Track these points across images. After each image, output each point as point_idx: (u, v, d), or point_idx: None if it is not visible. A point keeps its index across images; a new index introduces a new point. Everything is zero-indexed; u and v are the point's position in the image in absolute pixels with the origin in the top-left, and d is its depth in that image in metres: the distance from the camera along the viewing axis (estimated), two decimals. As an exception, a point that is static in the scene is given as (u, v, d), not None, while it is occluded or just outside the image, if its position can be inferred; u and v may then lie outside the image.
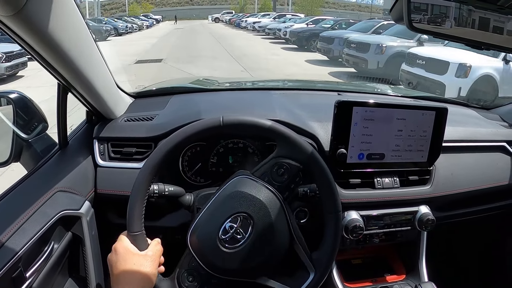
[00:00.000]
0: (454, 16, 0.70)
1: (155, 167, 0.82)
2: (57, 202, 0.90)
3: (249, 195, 0.84)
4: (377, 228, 1.14)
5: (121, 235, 0.83)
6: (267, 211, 0.84)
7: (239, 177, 0.88)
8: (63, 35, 0.73)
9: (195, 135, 0.84)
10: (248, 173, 0.90)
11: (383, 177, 1.14)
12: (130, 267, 0.78)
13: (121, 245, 0.81)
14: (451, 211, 1.27)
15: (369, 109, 1.04)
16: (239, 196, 0.85)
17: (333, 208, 0.88)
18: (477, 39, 0.72)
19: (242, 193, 0.85)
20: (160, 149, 0.83)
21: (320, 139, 1.11)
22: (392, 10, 0.74)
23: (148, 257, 0.81)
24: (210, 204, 0.86)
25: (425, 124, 1.10)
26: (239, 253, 0.83)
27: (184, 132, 0.84)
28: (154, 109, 1.21)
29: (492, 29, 0.71)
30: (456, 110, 1.57)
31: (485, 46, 0.74)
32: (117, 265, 0.78)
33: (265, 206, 0.84)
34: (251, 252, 0.83)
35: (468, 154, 1.32)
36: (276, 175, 0.89)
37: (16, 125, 1.04)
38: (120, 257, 0.79)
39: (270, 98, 1.38)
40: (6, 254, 0.72)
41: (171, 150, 0.83)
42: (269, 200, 0.85)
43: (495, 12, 0.70)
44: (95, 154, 1.09)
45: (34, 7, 0.62)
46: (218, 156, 1.14)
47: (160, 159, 0.83)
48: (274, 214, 0.85)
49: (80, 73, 0.85)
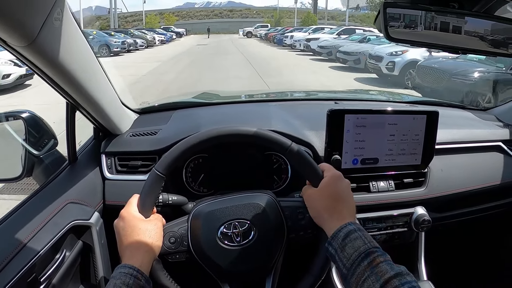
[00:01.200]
0: (427, 24, 0.75)
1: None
2: (68, 213, 0.96)
3: (263, 211, 0.86)
4: (375, 230, 1.18)
5: (130, 199, 0.84)
6: (271, 233, 0.85)
7: (265, 195, 0.90)
8: (73, 61, 0.80)
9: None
10: (274, 197, 0.90)
11: (378, 181, 1.18)
12: (137, 234, 0.78)
13: (128, 211, 0.81)
14: (447, 212, 1.30)
15: (361, 116, 1.08)
16: (252, 206, 0.86)
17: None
18: (452, 45, 0.77)
19: (258, 205, 0.86)
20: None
21: (316, 147, 1.15)
22: (376, 22, 0.80)
23: (153, 224, 0.81)
24: (228, 197, 0.89)
25: (417, 128, 1.14)
26: (234, 250, 0.84)
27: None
28: (158, 124, 1.27)
29: (467, 34, 0.76)
30: (451, 112, 1.61)
31: (462, 51, 0.79)
32: (124, 232, 0.78)
33: (272, 228, 0.85)
34: (244, 253, 0.84)
35: (462, 155, 1.35)
36: (297, 218, 0.87)
37: (28, 142, 1.10)
38: (127, 224, 0.79)
39: (268, 110, 1.43)
40: (22, 261, 0.78)
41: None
42: (276, 227, 0.86)
43: (471, 17, 0.76)
44: (103, 168, 1.15)
45: (45, 38, 0.68)
46: (220, 166, 1.18)
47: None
48: (273, 239, 0.86)
49: (87, 93, 0.92)
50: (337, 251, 0.71)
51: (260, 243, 0.84)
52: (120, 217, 0.81)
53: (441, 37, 0.77)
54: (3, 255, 0.77)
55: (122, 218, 0.81)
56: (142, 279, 0.72)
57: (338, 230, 0.73)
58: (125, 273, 0.71)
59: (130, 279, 0.70)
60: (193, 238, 0.84)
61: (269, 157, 1.18)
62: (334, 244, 0.73)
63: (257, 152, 1.18)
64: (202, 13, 65.51)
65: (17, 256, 0.78)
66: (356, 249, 0.69)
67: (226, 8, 68.02)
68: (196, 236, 0.84)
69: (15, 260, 0.78)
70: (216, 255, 0.83)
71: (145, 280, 0.73)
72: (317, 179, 0.83)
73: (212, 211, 0.86)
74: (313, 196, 0.82)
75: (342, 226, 0.74)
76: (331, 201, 0.79)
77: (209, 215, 0.85)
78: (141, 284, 0.71)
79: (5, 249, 0.78)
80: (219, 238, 0.83)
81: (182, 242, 0.85)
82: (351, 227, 0.73)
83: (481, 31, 0.76)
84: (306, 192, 0.85)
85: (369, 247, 0.69)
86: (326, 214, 0.78)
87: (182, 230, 0.86)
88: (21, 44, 0.65)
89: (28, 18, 0.62)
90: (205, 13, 65.39)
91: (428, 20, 0.76)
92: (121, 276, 0.70)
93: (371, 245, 0.69)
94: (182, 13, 64.77)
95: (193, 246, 0.84)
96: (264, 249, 0.85)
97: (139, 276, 0.72)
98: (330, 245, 0.74)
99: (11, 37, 0.63)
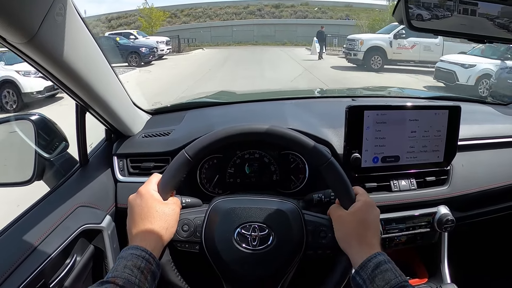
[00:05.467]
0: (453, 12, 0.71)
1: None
2: (78, 216, 0.94)
3: (286, 221, 0.81)
4: (396, 231, 1.13)
5: (151, 178, 0.82)
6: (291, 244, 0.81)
7: (291, 203, 0.84)
8: (77, 58, 0.77)
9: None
10: (300, 209, 0.85)
11: (399, 180, 1.14)
12: (153, 216, 0.75)
13: (147, 189, 0.78)
14: (471, 211, 1.25)
15: (381, 112, 1.04)
16: (276, 213, 0.82)
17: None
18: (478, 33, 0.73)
19: (282, 213, 0.82)
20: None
21: (334, 145, 1.11)
22: (395, 12, 0.76)
23: (171, 209, 0.78)
24: (252, 197, 0.85)
25: (439, 123, 1.10)
26: (247, 253, 0.80)
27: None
28: (171, 125, 1.24)
29: (492, 22, 0.72)
30: (472, 107, 1.55)
31: (487, 40, 0.75)
32: (140, 210, 0.75)
33: (291, 240, 0.81)
34: (257, 259, 0.80)
35: (485, 151, 1.30)
36: (318, 236, 0.82)
37: (38, 145, 1.08)
38: (144, 203, 0.76)
39: (283, 108, 1.39)
40: (31, 265, 0.76)
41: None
42: (296, 240, 0.82)
43: (496, 3, 0.71)
44: (115, 170, 1.13)
45: (46, 34, 0.65)
46: (235, 167, 1.15)
47: None
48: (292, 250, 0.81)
49: (96, 93, 0.89)
50: (366, 282, 0.69)
51: (275, 252, 0.80)
52: (138, 193, 0.78)
53: (466, 26, 0.73)
54: (12, 259, 0.75)
55: (140, 195, 0.77)
56: (153, 263, 0.70)
57: (368, 260, 0.71)
58: (137, 255, 0.68)
59: (142, 262, 0.68)
60: (208, 231, 0.81)
61: (286, 157, 1.14)
62: (362, 274, 0.70)
63: (273, 151, 1.14)
64: (229, 10, 38.93)
65: (26, 261, 0.76)
66: (387, 282, 0.67)
67: (269, 2, 38.78)
68: (211, 229, 0.81)
69: (24, 265, 0.75)
70: (228, 254, 0.79)
71: (156, 265, 0.70)
72: (350, 201, 0.79)
73: (233, 208, 0.82)
74: (344, 218, 0.78)
75: (372, 256, 0.71)
76: (361, 228, 0.76)
77: (230, 212, 0.82)
78: (152, 269, 0.69)
79: (14, 254, 0.76)
80: (234, 238, 0.80)
81: (195, 232, 0.82)
82: (381, 257, 0.70)
83: (510, 18, 0.72)
84: (335, 213, 0.81)
85: (400, 280, 0.67)
86: (355, 240, 0.75)
87: (198, 221, 0.82)
88: (20, 41, 0.63)
89: (26, 13, 0.60)
90: (233, 10, 38.79)
91: (452, 8, 0.72)
92: (132, 257, 0.68)
93: (402, 278, 0.67)
94: (196, 12, 39.08)
95: (206, 240, 0.80)
96: (278, 260, 0.80)
97: (151, 260, 0.69)
98: (358, 274, 0.71)
99: (9, 33, 0.61)
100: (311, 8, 38.34)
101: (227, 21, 37.92)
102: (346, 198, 0.80)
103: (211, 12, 39.54)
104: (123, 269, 0.65)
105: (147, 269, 0.68)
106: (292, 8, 38.70)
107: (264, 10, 38.99)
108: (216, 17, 38.98)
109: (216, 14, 39.36)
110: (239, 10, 39.34)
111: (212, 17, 38.98)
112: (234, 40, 35.40)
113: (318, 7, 38.43)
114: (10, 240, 0.80)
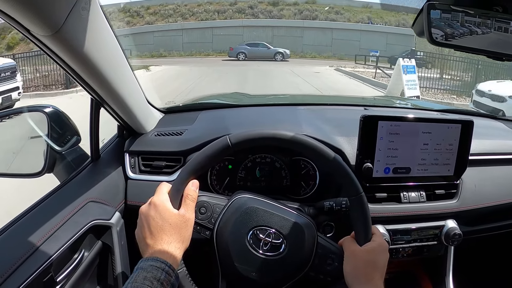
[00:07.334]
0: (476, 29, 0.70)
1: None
2: (88, 212, 0.94)
3: (301, 237, 0.82)
4: (403, 242, 1.13)
5: (161, 186, 0.80)
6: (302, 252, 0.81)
7: (311, 223, 0.85)
8: (98, 53, 0.77)
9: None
10: (316, 230, 0.85)
11: (409, 191, 1.13)
12: (169, 228, 0.74)
13: (161, 200, 0.77)
14: (479, 226, 1.25)
15: (395, 123, 1.04)
16: (295, 227, 0.82)
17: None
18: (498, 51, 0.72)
19: (300, 229, 0.82)
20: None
21: (346, 153, 1.11)
22: (414, 24, 0.75)
23: (185, 218, 0.77)
24: (275, 203, 0.85)
25: (451, 137, 1.09)
26: (254, 255, 0.80)
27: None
28: (184, 124, 1.24)
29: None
30: (483, 122, 1.55)
31: (506, 58, 0.75)
32: (155, 222, 0.74)
33: (301, 256, 0.81)
34: (262, 264, 0.80)
35: (496, 167, 1.29)
36: (325, 262, 0.83)
37: (50, 138, 1.08)
38: (159, 215, 0.75)
39: (296, 113, 1.39)
40: (39, 260, 0.76)
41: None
42: (304, 258, 0.82)
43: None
44: (126, 167, 1.13)
45: (71, 28, 0.65)
46: (246, 170, 1.15)
47: None
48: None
49: (112, 89, 0.89)
50: None
51: (282, 263, 0.80)
52: (152, 204, 0.77)
53: (487, 43, 0.72)
54: (20, 252, 0.75)
55: (154, 206, 0.76)
56: (173, 275, 0.70)
57: None
58: (157, 267, 0.68)
59: (161, 274, 0.68)
60: (224, 220, 0.81)
61: (297, 162, 1.14)
62: None
63: (285, 156, 1.14)
64: (210, 7, 27.49)
65: (34, 255, 0.76)
66: None
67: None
68: (228, 220, 0.81)
69: (32, 258, 0.75)
70: (235, 250, 0.80)
71: (175, 277, 0.71)
72: (366, 239, 0.80)
73: (255, 208, 0.82)
74: (357, 254, 0.79)
75: None
76: (371, 268, 0.77)
77: (250, 211, 0.82)
78: (171, 281, 0.69)
79: (22, 247, 0.76)
80: (247, 236, 0.80)
81: (211, 218, 0.82)
82: None
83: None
84: (350, 247, 0.81)
85: None
86: (363, 278, 0.76)
87: (217, 208, 0.83)
88: (45, 34, 0.63)
89: (54, 6, 0.60)
90: (215, 6, 27.46)
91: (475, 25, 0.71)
92: (152, 269, 0.68)
93: None
94: (166, 9, 27.38)
95: (219, 228, 0.81)
96: (282, 272, 0.81)
97: (171, 272, 0.70)
98: None
99: (36, 25, 0.61)
100: (321, 8, 28.23)
101: (206, 21, 26.73)
102: (364, 235, 0.81)
103: (185, 9, 27.65)
104: (143, 281, 0.65)
105: (167, 281, 0.68)
106: (296, 6, 28.46)
107: (258, 7, 28.17)
108: (191, 17, 27.35)
109: (192, 12, 27.53)
110: (223, 7, 27.88)
111: (186, 17, 27.30)
112: (214, 48, 25.40)
113: (330, 6, 28.12)
114: (20, 232, 0.80)
